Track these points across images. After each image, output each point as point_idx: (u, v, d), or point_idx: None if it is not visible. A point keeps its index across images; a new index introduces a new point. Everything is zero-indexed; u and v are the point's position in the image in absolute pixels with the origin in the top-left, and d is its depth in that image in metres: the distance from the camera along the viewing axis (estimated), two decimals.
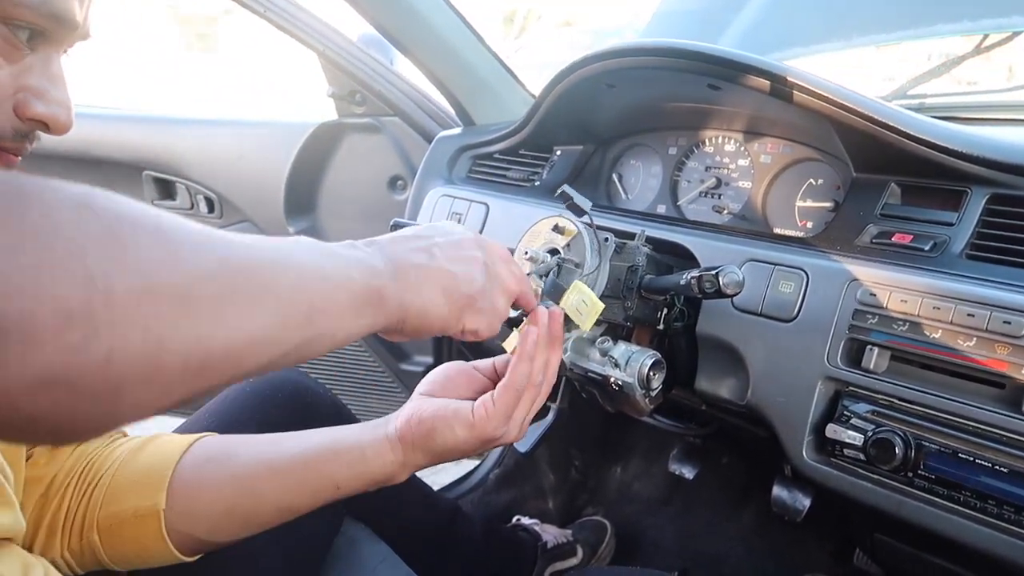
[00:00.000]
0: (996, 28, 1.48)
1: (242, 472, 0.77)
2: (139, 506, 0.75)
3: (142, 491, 0.76)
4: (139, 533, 0.75)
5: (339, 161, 1.92)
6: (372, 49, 1.68)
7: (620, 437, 1.91)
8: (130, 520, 0.75)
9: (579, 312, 0.78)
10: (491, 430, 0.72)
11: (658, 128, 1.33)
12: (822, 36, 1.73)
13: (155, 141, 1.97)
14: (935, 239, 0.87)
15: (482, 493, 1.75)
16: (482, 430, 0.72)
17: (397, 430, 0.76)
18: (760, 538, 1.64)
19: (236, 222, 2.01)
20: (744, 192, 1.21)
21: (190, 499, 0.76)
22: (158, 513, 0.74)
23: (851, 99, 0.94)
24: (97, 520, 0.76)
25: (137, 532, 0.75)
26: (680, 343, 1.03)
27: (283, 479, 0.76)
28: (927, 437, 0.80)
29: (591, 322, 0.79)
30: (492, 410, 0.72)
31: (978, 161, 0.87)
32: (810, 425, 0.89)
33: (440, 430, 0.74)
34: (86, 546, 0.76)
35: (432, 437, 0.74)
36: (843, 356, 0.87)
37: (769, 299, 0.93)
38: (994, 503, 0.75)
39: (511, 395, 0.73)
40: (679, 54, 1.05)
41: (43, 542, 0.75)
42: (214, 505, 0.76)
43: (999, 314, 0.76)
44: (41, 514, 0.76)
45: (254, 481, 0.76)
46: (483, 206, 1.33)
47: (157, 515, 0.74)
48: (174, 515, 0.75)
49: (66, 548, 0.76)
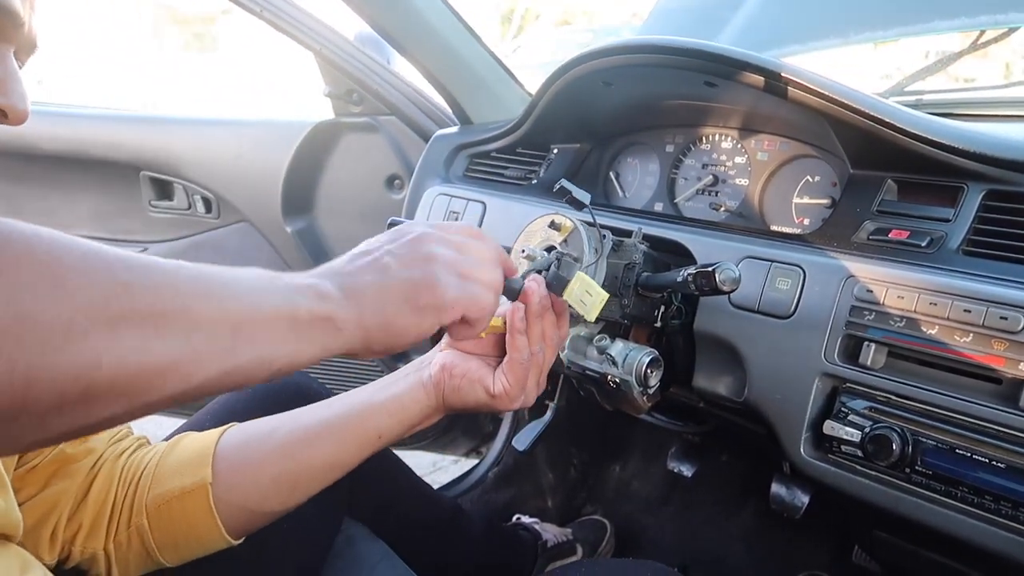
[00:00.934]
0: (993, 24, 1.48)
1: (287, 440, 0.81)
2: (186, 484, 0.78)
3: (187, 471, 0.79)
4: (188, 509, 0.78)
5: (336, 160, 1.92)
6: (369, 48, 1.68)
7: (619, 435, 1.92)
8: (178, 497, 0.78)
9: (583, 303, 0.78)
10: (508, 402, 0.80)
11: (655, 126, 1.33)
12: (819, 33, 1.73)
13: (152, 141, 1.96)
14: (932, 235, 0.87)
15: (481, 491, 1.75)
16: (501, 400, 0.79)
17: (432, 377, 0.82)
18: (759, 535, 1.64)
19: (234, 222, 2.01)
20: (741, 189, 1.21)
21: (235, 473, 0.79)
22: (206, 487, 0.78)
23: (848, 96, 0.94)
24: (146, 504, 0.78)
25: (186, 508, 0.78)
26: (677, 341, 1.03)
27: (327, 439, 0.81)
28: (924, 433, 0.80)
29: (596, 312, 0.78)
30: (508, 386, 0.79)
31: (974, 157, 0.87)
32: (808, 422, 0.89)
33: (466, 390, 0.81)
34: (134, 532, 0.78)
35: (459, 394, 0.81)
36: (840, 353, 0.87)
37: (766, 296, 0.93)
38: (991, 499, 0.75)
39: (519, 369, 0.78)
40: (676, 51, 1.05)
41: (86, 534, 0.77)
42: (260, 475, 0.80)
43: (995, 310, 0.76)
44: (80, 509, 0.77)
45: (300, 446, 0.80)
46: (480, 204, 1.33)
47: (205, 490, 0.77)
48: (222, 488, 0.78)
49: (112, 539, 0.78)
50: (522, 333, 0.77)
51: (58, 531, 0.75)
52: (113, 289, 0.42)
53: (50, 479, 0.76)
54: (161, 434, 0.94)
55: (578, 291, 0.78)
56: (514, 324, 0.77)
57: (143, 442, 0.87)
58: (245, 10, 1.53)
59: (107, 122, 2.01)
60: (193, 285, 0.47)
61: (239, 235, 2.02)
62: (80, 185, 2.05)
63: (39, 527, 0.74)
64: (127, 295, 0.42)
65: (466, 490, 1.74)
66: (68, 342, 0.39)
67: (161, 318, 0.44)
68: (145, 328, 0.43)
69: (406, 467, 1.26)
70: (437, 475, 2.40)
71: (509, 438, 1.77)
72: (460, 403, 0.82)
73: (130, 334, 0.42)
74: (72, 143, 1.96)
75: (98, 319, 0.40)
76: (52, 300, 0.38)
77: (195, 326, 0.45)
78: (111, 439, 0.84)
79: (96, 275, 0.41)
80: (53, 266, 0.39)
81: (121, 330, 0.41)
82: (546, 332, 0.79)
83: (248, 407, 0.99)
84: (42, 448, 0.74)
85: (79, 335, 0.39)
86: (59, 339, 0.38)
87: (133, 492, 0.79)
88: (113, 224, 2.09)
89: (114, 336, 0.41)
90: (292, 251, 1.95)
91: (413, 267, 0.61)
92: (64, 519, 0.75)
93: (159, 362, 0.43)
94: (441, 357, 0.83)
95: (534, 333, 0.78)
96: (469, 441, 2.11)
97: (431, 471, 2.43)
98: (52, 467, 0.76)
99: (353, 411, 0.82)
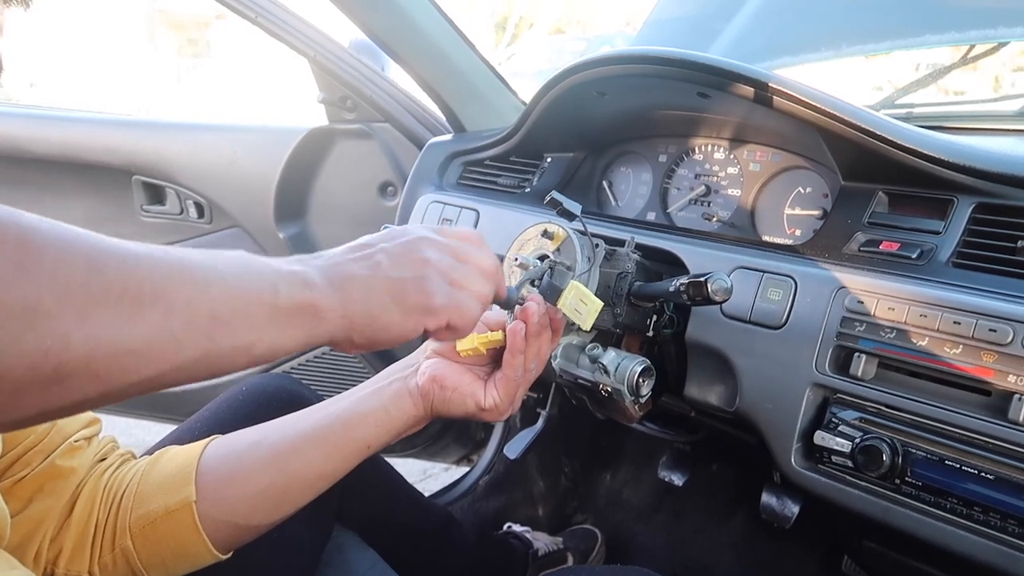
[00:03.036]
0: (982, 39, 1.49)
1: (272, 452, 0.80)
2: (170, 503, 0.77)
3: (170, 489, 0.78)
4: (173, 529, 0.76)
5: (330, 167, 1.91)
6: (363, 55, 1.68)
7: (610, 444, 1.92)
8: (162, 517, 0.76)
9: (578, 312, 0.78)
10: (498, 415, 0.81)
11: (648, 136, 1.34)
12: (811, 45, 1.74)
13: (145, 146, 1.96)
14: (922, 247, 0.88)
15: (472, 499, 1.75)
16: (490, 414, 0.80)
17: (420, 387, 0.81)
18: (749, 545, 1.64)
19: (226, 227, 2.00)
20: (733, 200, 1.21)
21: (220, 488, 0.78)
22: (190, 505, 0.76)
23: (839, 108, 0.94)
24: (129, 525, 0.77)
25: (171, 528, 0.76)
26: (669, 350, 1.03)
27: (315, 449, 0.80)
28: (914, 444, 0.80)
29: (592, 320, 0.79)
30: (498, 400, 0.80)
31: (964, 170, 0.88)
32: (798, 432, 0.89)
33: (455, 402, 0.81)
34: (119, 554, 0.76)
35: (447, 405, 0.81)
36: (831, 363, 0.87)
37: (758, 306, 0.93)
38: (980, 510, 0.76)
39: (511, 386, 0.79)
40: (669, 62, 1.06)
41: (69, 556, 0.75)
42: (246, 489, 0.78)
43: (985, 322, 0.76)
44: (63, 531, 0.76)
45: (287, 458, 0.79)
46: (473, 212, 1.33)
47: (189, 507, 0.76)
48: (207, 505, 0.77)
49: (96, 561, 0.76)
50: (521, 352, 0.78)
51: (41, 552, 0.73)
52: (84, 271, 0.42)
53: (35, 494, 0.74)
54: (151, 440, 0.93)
55: (572, 300, 0.78)
56: (515, 344, 0.77)
57: (127, 457, 0.85)
58: (240, 16, 1.53)
59: (100, 126, 2.00)
60: (168, 268, 0.47)
61: (231, 240, 2.01)
62: (72, 189, 2.04)
63: (23, 546, 0.72)
64: (99, 277, 0.43)
65: (457, 498, 1.74)
66: (35, 321, 0.39)
67: (135, 301, 0.44)
68: (118, 310, 0.43)
69: (397, 474, 1.25)
70: (427, 483, 2.39)
71: (500, 446, 1.77)
72: (447, 413, 0.82)
73: (102, 316, 0.42)
74: (64, 147, 1.96)
75: (67, 300, 0.41)
76: (18, 281, 0.39)
77: (171, 310, 0.45)
78: (96, 455, 0.82)
79: (66, 257, 0.42)
80: (21, 248, 0.40)
81: (92, 311, 0.42)
82: (541, 349, 0.80)
83: (237, 415, 0.98)
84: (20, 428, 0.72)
85: (45, 315, 0.40)
86: (26, 318, 0.39)
87: (116, 512, 0.78)
88: (105, 229, 2.03)
89: (84, 317, 0.41)
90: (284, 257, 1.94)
91: (405, 268, 0.61)
92: (47, 540, 0.74)
93: (133, 344, 0.44)
94: (430, 367, 0.82)
95: (531, 352, 0.79)
96: (460, 449, 2.10)
97: (422, 478, 2.43)
98: (39, 481, 0.75)
99: (338, 421, 0.81)
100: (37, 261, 0.40)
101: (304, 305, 0.54)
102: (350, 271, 0.58)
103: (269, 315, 0.51)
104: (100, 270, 0.43)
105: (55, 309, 0.40)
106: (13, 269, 0.39)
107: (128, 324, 0.43)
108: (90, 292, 0.42)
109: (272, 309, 0.52)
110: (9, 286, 0.39)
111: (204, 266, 0.49)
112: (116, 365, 0.43)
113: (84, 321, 0.41)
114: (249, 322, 0.50)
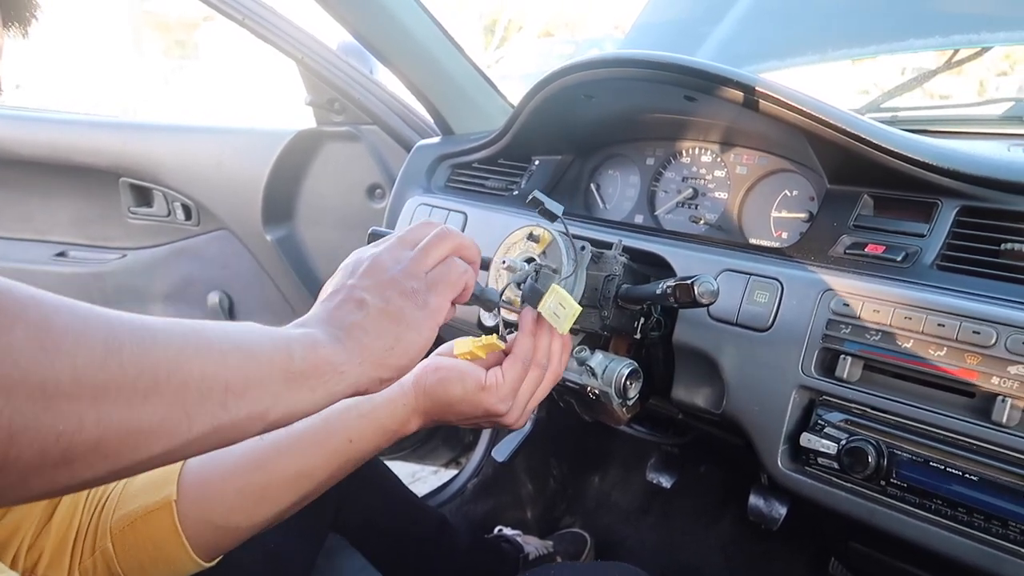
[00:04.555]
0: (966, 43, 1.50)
1: (252, 450, 0.78)
2: (149, 502, 0.75)
3: (152, 488, 0.76)
4: (152, 531, 0.74)
5: (317, 169, 1.91)
6: (351, 58, 1.68)
7: (598, 446, 1.92)
8: (142, 519, 0.75)
9: (556, 316, 0.78)
10: (498, 399, 0.77)
11: (636, 139, 1.34)
12: (798, 49, 1.75)
13: (132, 147, 1.95)
14: (907, 250, 0.88)
15: (461, 503, 1.75)
16: (490, 393, 0.76)
17: (414, 377, 0.79)
18: (738, 546, 1.64)
19: (213, 229, 2.00)
20: (720, 203, 1.22)
21: (202, 484, 0.76)
22: (170, 505, 0.74)
23: (825, 112, 0.95)
24: (110, 527, 0.75)
25: (150, 530, 0.74)
26: (657, 352, 1.04)
27: (295, 445, 0.77)
28: (899, 446, 0.81)
29: (568, 325, 0.78)
30: (501, 380, 0.77)
31: (948, 174, 0.89)
32: (785, 434, 0.89)
33: (452, 380, 0.77)
34: (99, 558, 0.75)
35: (444, 386, 0.78)
36: (817, 365, 0.88)
37: (744, 309, 0.94)
38: (964, 511, 0.76)
39: (518, 366, 0.77)
40: (656, 65, 1.06)
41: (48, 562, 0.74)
42: (225, 488, 0.76)
43: (968, 324, 0.77)
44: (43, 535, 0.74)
45: (267, 453, 0.77)
46: (461, 215, 1.33)
47: (169, 507, 0.74)
48: (187, 504, 0.75)
49: (76, 566, 0.75)
50: (531, 334, 0.79)
51: (19, 558, 0.71)
52: (102, 354, 0.42)
53: None
54: None
55: (552, 303, 0.78)
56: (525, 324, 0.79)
57: None
58: (227, 18, 1.53)
59: (87, 128, 2.00)
60: (184, 342, 0.47)
61: (219, 243, 2.00)
62: (59, 191, 2.03)
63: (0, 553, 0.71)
64: (116, 361, 0.42)
65: (446, 501, 1.74)
66: (51, 403, 0.39)
67: (151, 382, 0.44)
68: (133, 393, 0.43)
69: (393, 476, 1.25)
70: (416, 486, 2.39)
71: (489, 449, 1.76)
72: (440, 401, 0.78)
73: (117, 399, 0.42)
74: (51, 148, 1.95)
75: (84, 384, 0.40)
76: (39, 363, 0.39)
77: (184, 387, 0.45)
78: None
79: (86, 339, 0.41)
80: (44, 329, 0.40)
81: (107, 393, 0.41)
82: (553, 348, 0.80)
83: None
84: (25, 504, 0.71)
85: (63, 398, 0.40)
86: (44, 400, 0.39)
87: (98, 515, 0.76)
88: (92, 230, 2.07)
89: (99, 399, 0.41)
90: (272, 259, 1.94)
91: (386, 290, 0.62)
92: (26, 546, 0.72)
93: (144, 426, 0.43)
94: (425, 362, 0.81)
95: (542, 340, 0.79)
96: (449, 451, 2.10)
97: (410, 482, 2.42)
98: None
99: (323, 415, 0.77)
100: (57, 342, 0.40)
101: (320, 364, 0.54)
102: (348, 320, 0.59)
103: (283, 379, 0.52)
104: (117, 350, 0.43)
105: (73, 391, 0.40)
106: (35, 350, 0.39)
107: (142, 406, 0.43)
108: (107, 373, 0.42)
109: (287, 373, 0.52)
110: (29, 368, 0.38)
111: (217, 336, 0.49)
112: (125, 445, 0.43)
113: (99, 403, 0.41)
114: (263, 389, 0.50)
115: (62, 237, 2.07)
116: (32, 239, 2.07)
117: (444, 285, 0.65)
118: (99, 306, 0.44)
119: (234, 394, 0.48)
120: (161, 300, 2.08)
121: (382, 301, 0.61)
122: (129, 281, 2.06)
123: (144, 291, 2.07)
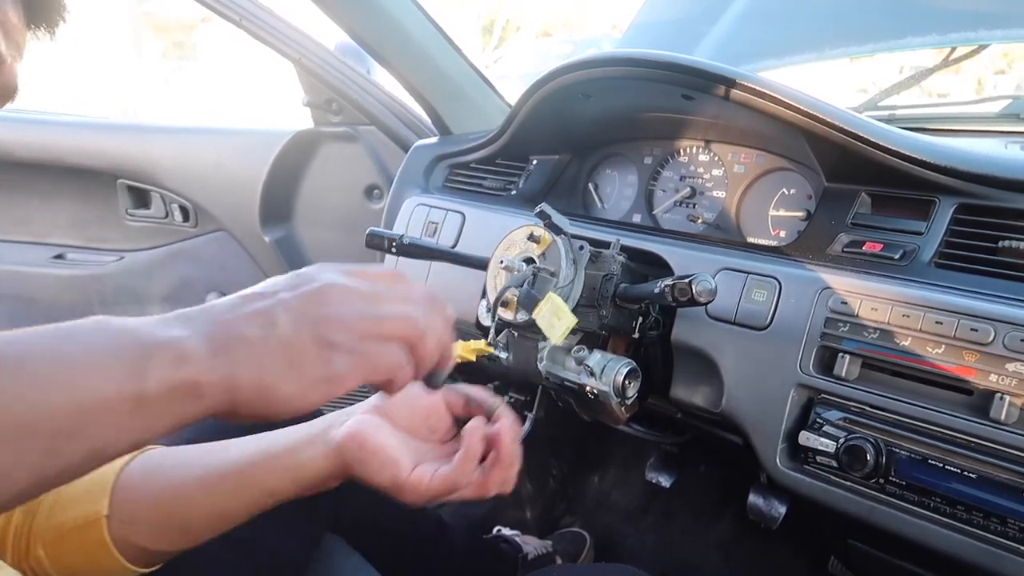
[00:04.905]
0: (964, 41, 1.50)
1: (176, 482, 0.73)
2: (79, 515, 0.71)
3: (85, 500, 0.72)
4: (83, 542, 0.71)
5: (315, 170, 1.91)
6: (349, 58, 1.68)
7: (597, 446, 1.92)
8: (72, 530, 0.71)
9: (551, 325, 0.78)
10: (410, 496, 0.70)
11: (633, 138, 1.34)
12: (795, 48, 1.75)
13: (130, 149, 1.95)
14: (904, 248, 0.88)
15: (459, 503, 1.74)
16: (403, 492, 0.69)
17: (337, 443, 0.71)
18: (737, 545, 1.64)
19: (211, 231, 2.00)
20: (718, 201, 1.22)
21: (132, 506, 0.72)
22: (99, 520, 0.70)
23: (823, 110, 0.95)
24: (42, 534, 0.72)
25: (81, 541, 0.71)
26: (655, 351, 1.04)
27: (215, 488, 0.72)
28: (897, 444, 0.81)
29: (562, 336, 0.78)
30: (422, 488, 0.69)
31: (946, 171, 0.89)
32: (783, 433, 0.89)
33: (372, 465, 0.69)
34: (34, 562, 0.72)
35: (364, 465, 0.70)
36: (815, 364, 0.87)
37: (743, 307, 0.94)
38: (963, 508, 0.76)
39: (447, 487, 0.69)
40: (653, 64, 1.06)
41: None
42: (152, 513, 0.72)
43: (966, 322, 0.77)
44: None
45: (187, 490, 0.72)
46: (459, 215, 1.33)
47: (99, 522, 0.70)
48: (117, 522, 0.71)
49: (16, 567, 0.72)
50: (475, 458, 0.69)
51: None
52: None
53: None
54: None
55: (547, 312, 0.78)
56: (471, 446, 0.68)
57: None
58: (225, 19, 1.52)
59: (84, 129, 2.00)
60: (4, 384, 0.39)
61: (217, 244, 2.00)
62: (56, 193, 2.03)
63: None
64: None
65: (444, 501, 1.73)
66: None
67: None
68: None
69: None
70: None
71: None
72: (364, 478, 0.70)
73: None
74: (49, 150, 1.95)
75: None
76: None
77: (14, 433, 0.38)
78: None
79: None
80: None
81: None
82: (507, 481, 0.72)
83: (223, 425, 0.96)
84: None
85: None
86: None
87: (32, 518, 0.73)
88: (89, 232, 2.07)
89: None
90: (270, 260, 1.94)
91: (305, 325, 0.49)
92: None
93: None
94: (356, 422, 0.71)
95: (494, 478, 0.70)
96: None
97: None
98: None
99: (247, 461, 0.72)
100: None
101: (179, 385, 0.44)
102: (240, 331, 0.47)
103: (132, 410, 0.42)
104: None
105: None
106: None
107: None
108: None
109: (136, 403, 0.42)
110: None
111: (50, 361, 0.41)
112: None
113: None
114: (106, 425, 0.42)
115: (60, 239, 2.07)
116: (30, 241, 2.07)
117: (365, 363, 0.50)
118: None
119: (63, 438, 0.40)
120: (159, 302, 2.07)
121: (293, 331, 0.48)
122: (127, 283, 2.06)
123: (142, 293, 2.07)
